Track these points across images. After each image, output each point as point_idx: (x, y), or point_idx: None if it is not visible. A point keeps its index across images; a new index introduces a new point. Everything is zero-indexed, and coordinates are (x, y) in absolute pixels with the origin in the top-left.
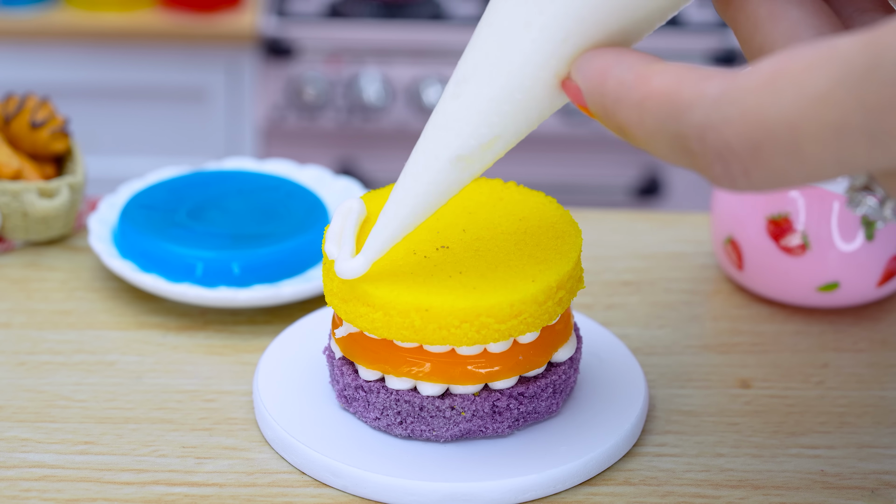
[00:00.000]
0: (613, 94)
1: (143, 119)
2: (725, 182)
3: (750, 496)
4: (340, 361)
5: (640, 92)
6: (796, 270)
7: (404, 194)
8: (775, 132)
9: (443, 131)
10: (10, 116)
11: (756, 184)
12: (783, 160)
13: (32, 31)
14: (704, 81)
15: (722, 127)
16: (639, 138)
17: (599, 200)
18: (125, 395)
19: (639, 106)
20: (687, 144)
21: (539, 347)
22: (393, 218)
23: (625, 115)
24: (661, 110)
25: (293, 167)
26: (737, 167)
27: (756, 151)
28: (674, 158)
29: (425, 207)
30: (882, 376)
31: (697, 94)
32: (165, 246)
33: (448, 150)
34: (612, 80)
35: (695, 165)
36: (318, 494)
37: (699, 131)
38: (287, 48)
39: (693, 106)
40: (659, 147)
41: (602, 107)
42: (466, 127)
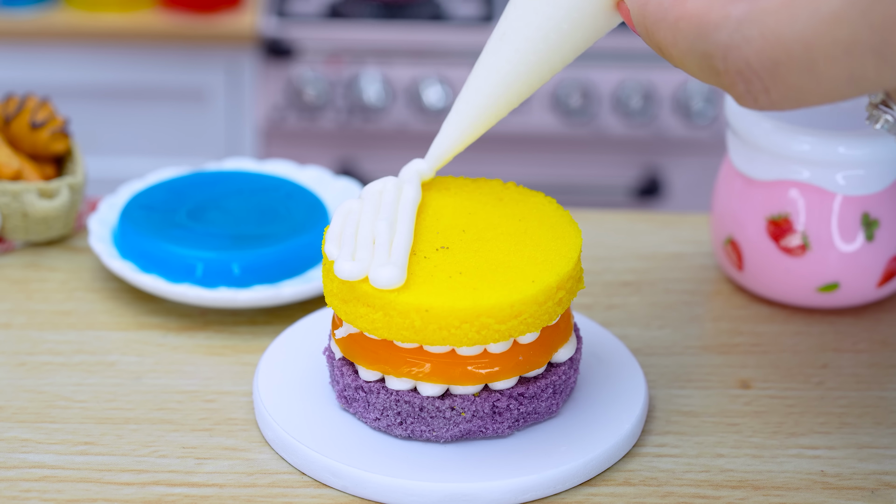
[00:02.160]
0: (653, 15)
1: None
2: (748, 100)
3: (750, 496)
4: (340, 362)
5: (676, 13)
6: (796, 271)
7: (466, 105)
8: (791, 50)
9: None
10: (10, 117)
11: (776, 101)
12: (799, 78)
13: (32, 31)
14: (731, 4)
15: (743, 46)
16: (674, 57)
17: (599, 201)
18: (125, 395)
19: (674, 27)
20: (713, 63)
21: (539, 348)
22: (455, 127)
23: (662, 35)
24: (691, 31)
25: (293, 167)
26: (757, 85)
27: (774, 69)
28: (703, 76)
29: (485, 118)
30: (882, 377)
31: (723, 15)
32: (165, 246)
33: (508, 64)
34: (653, 2)
35: (720, 83)
36: (318, 495)
37: (723, 50)
38: (287, 48)
39: (719, 27)
40: (690, 66)
41: (644, 27)
42: (527, 42)
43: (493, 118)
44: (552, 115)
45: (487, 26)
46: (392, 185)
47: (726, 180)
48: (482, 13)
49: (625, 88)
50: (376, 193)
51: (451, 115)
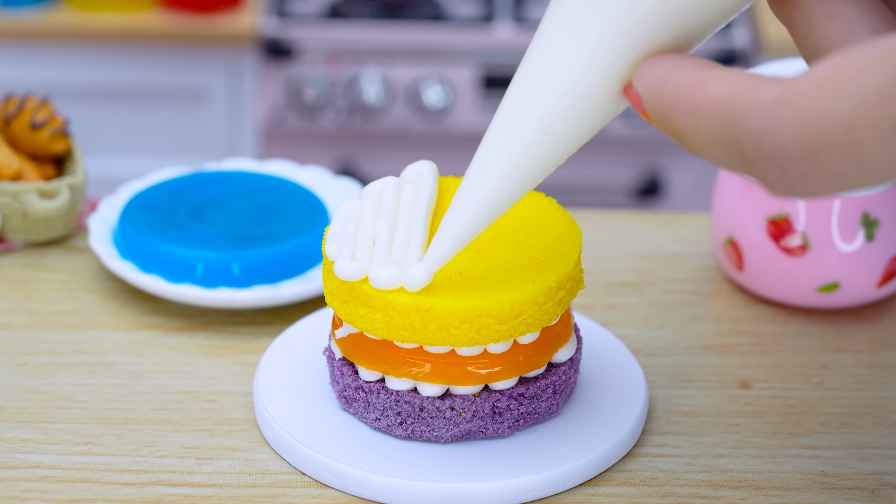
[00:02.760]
0: (671, 101)
1: (143, 120)
2: (783, 188)
3: (750, 497)
4: (341, 362)
5: (697, 99)
6: (796, 271)
7: (465, 203)
8: (833, 133)
9: (504, 140)
10: (10, 117)
11: (814, 188)
12: (841, 162)
13: (32, 31)
14: (760, 87)
15: (778, 131)
16: (696, 145)
17: (599, 201)
18: (125, 395)
19: (695, 113)
20: (743, 151)
21: (539, 348)
22: (454, 226)
23: (681, 122)
24: (716, 117)
25: (293, 168)
26: (794, 172)
27: (813, 154)
28: (730, 165)
29: (487, 216)
30: (882, 377)
31: (752, 99)
32: (165, 246)
33: (511, 158)
34: (669, 88)
35: (751, 171)
36: (319, 495)
37: (755, 137)
38: (287, 49)
39: (748, 112)
40: (715, 154)
41: (660, 114)
42: (529, 135)
43: (494, 215)
44: None
45: (487, 26)
46: (392, 186)
47: (726, 180)
48: (482, 13)
49: None
50: (376, 194)
51: (449, 213)
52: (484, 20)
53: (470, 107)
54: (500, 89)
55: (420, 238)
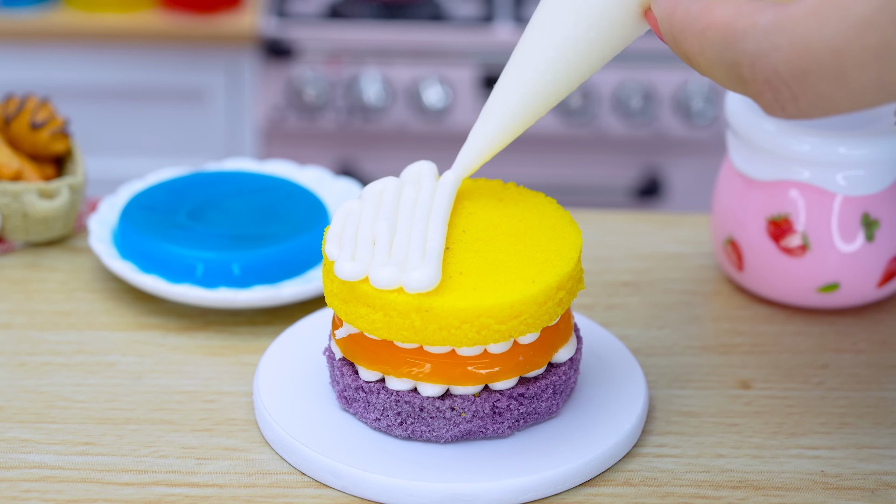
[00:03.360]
0: (680, 24)
1: (143, 120)
2: (776, 108)
3: (750, 497)
4: (341, 362)
5: (703, 22)
6: (796, 271)
7: (493, 115)
8: (820, 58)
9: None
10: (10, 117)
11: (804, 110)
12: (828, 85)
13: (32, 31)
14: (758, 13)
15: (771, 54)
16: (701, 66)
17: (599, 201)
18: (125, 395)
19: (701, 35)
20: (740, 72)
21: (539, 348)
22: (481, 137)
23: (689, 44)
24: (718, 40)
25: (293, 168)
26: (785, 93)
27: (803, 77)
28: (730, 85)
29: (513, 128)
30: (882, 377)
31: (751, 24)
32: (165, 247)
33: (536, 74)
34: (680, 11)
35: (748, 92)
36: (319, 495)
37: (751, 59)
38: (287, 49)
39: (746, 35)
40: (717, 74)
41: (671, 36)
42: (553, 53)
43: (519, 128)
44: (553, 116)
45: (487, 26)
46: (392, 186)
47: (726, 180)
48: (482, 13)
49: (625, 89)
50: (376, 194)
51: (477, 124)
52: (484, 20)
53: (470, 107)
54: None
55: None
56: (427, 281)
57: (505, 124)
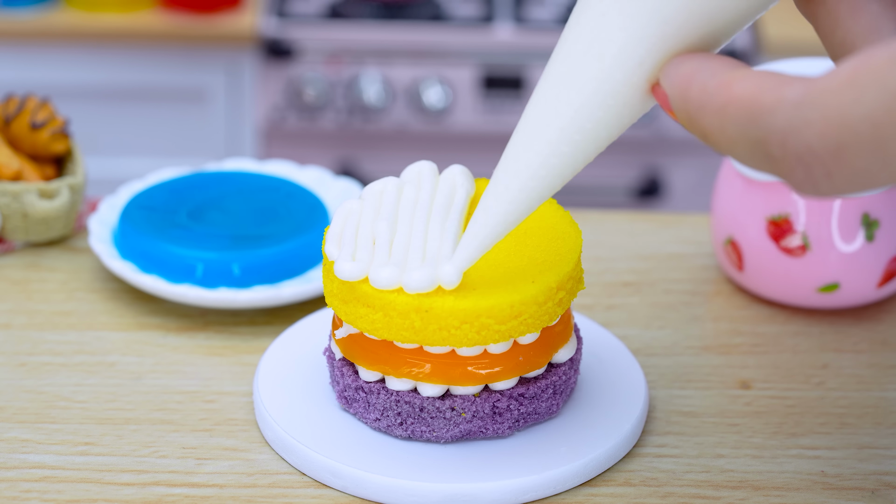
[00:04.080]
0: (696, 100)
1: (143, 120)
2: (808, 186)
3: (750, 497)
4: (341, 362)
5: (722, 98)
6: (796, 271)
7: (495, 202)
8: (858, 131)
9: (533, 139)
10: (10, 117)
11: (839, 186)
12: (867, 160)
13: (33, 31)
14: (785, 86)
15: (803, 130)
16: (721, 144)
17: (600, 201)
18: (125, 396)
19: (720, 112)
20: (768, 150)
21: (539, 348)
22: (483, 226)
23: (707, 121)
24: (741, 116)
25: (293, 168)
26: (819, 170)
27: (838, 153)
28: (756, 164)
29: (516, 215)
30: (882, 377)
31: (777, 98)
32: (166, 247)
33: (539, 157)
34: (695, 87)
35: (776, 171)
36: (319, 495)
37: (780, 136)
38: (287, 49)
39: (774, 111)
40: (741, 153)
41: (686, 113)
42: (557, 134)
43: (523, 214)
44: None
45: (487, 26)
46: (392, 186)
47: (726, 180)
48: (482, 13)
49: None
50: (377, 194)
51: (478, 212)
52: (484, 20)
53: (470, 107)
54: (500, 89)
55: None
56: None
57: (509, 210)
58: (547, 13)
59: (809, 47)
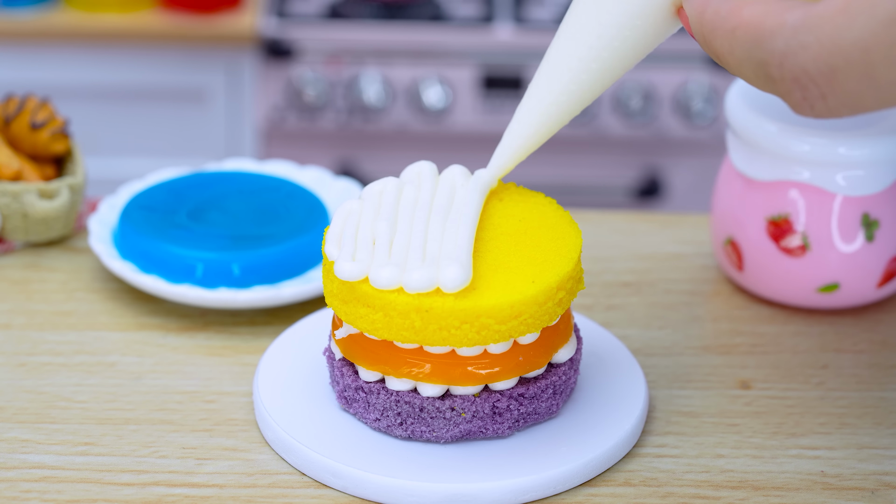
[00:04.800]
0: (710, 23)
1: (143, 120)
2: (805, 107)
3: (750, 497)
4: (341, 362)
5: (732, 22)
6: (796, 271)
7: (528, 114)
8: (849, 56)
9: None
10: (10, 117)
11: (833, 108)
12: (858, 83)
13: (32, 31)
14: (787, 11)
15: (799, 53)
16: (731, 65)
17: (599, 201)
18: (125, 396)
19: (730, 35)
20: (769, 71)
21: (539, 348)
22: (517, 137)
23: (718, 43)
24: (747, 39)
25: (293, 168)
26: (814, 91)
27: (831, 75)
28: (759, 84)
29: (547, 126)
30: (882, 377)
31: (779, 23)
32: (165, 247)
33: (570, 73)
34: (710, 10)
35: (776, 91)
36: (319, 495)
37: (779, 58)
38: (287, 49)
39: (775, 34)
40: (746, 73)
41: (702, 35)
42: (587, 52)
43: (554, 127)
44: None
45: (487, 26)
46: (392, 186)
47: (726, 181)
48: (482, 13)
49: (625, 89)
50: (376, 194)
51: (512, 124)
52: (484, 20)
53: (470, 107)
54: (500, 89)
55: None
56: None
57: (540, 123)
58: (547, 13)
59: None
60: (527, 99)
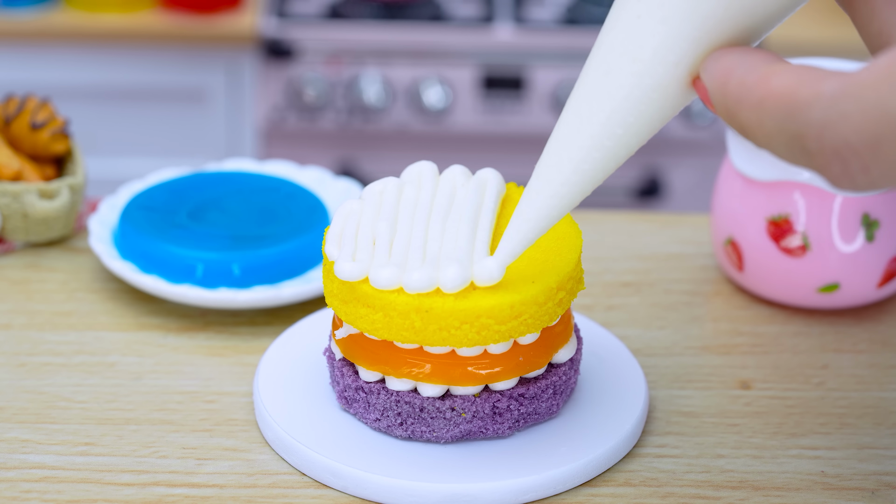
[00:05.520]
0: (735, 94)
1: (143, 120)
2: (844, 181)
3: (750, 497)
4: (341, 363)
5: (760, 93)
6: (796, 271)
7: (537, 196)
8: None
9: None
10: (10, 118)
11: (876, 180)
12: None
13: (33, 32)
14: (822, 81)
15: (840, 123)
16: (759, 139)
17: (600, 201)
18: (125, 396)
19: (758, 107)
20: (805, 144)
21: (539, 348)
22: (526, 220)
23: (745, 115)
24: (779, 111)
25: (293, 168)
26: (855, 164)
27: (875, 146)
28: (793, 159)
29: (558, 209)
30: (882, 377)
31: (815, 93)
32: (166, 247)
33: (581, 152)
34: (734, 81)
35: (813, 165)
36: (319, 496)
37: (817, 130)
38: (287, 49)
39: (811, 105)
40: (778, 148)
41: (725, 107)
42: (600, 129)
43: (565, 209)
44: (552, 115)
45: (487, 27)
46: (392, 186)
47: (726, 181)
48: (482, 13)
49: None
50: (377, 194)
51: (520, 207)
52: (484, 20)
53: (470, 107)
54: (500, 89)
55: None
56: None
57: (551, 205)
58: (547, 13)
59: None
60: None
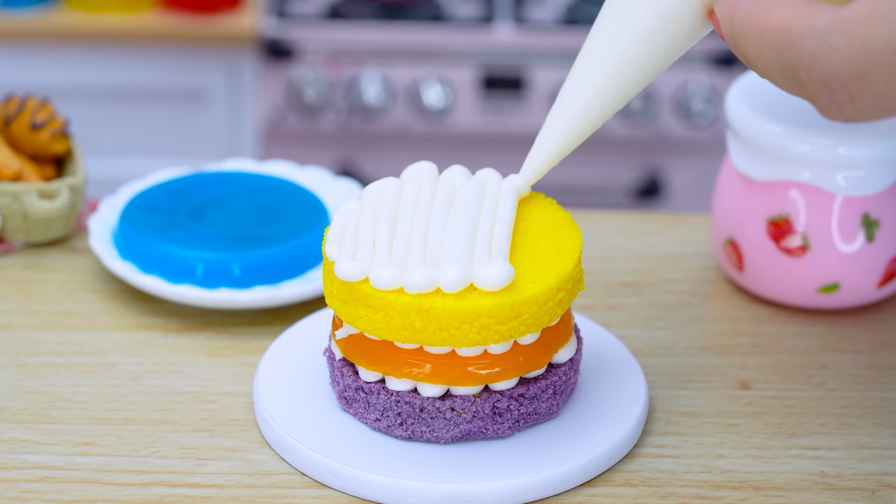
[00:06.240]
0: (740, 26)
1: (143, 120)
2: (833, 111)
3: (750, 497)
4: (341, 363)
5: (761, 25)
6: (796, 271)
7: (560, 119)
8: (879, 57)
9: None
10: (10, 118)
11: (862, 111)
12: (887, 85)
13: (33, 32)
14: (816, 14)
15: (828, 56)
16: (760, 68)
17: (600, 202)
18: (125, 396)
19: (759, 38)
20: (797, 74)
21: (539, 348)
22: (549, 142)
23: (748, 46)
24: (776, 42)
25: (293, 168)
26: (843, 94)
27: (861, 78)
28: (788, 88)
29: (580, 131)
30: (882, 377)
31: (808, 25)
32: (166, 247)
33: (602, 77)
34: (740, 13)
35: (805, 94)
36: (319, 496)
37: (808, 61)
38: (287, 49)
39: (803, 37)
40: (775, 77)
41: (731, 38)
42: (622, 55)
43: (587, 130)
44: None
45: (487, 27)
46: (393, 186)
47: (726, 181)
48: (482, 13)
49: None
50: (377, 194)
51: (544, 128)
52: (484, 20)
53: (470, 107)
54: (500, 90)
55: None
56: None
57: (573, 128)
58: (547, 13)
59: None
60: (559, 103)
